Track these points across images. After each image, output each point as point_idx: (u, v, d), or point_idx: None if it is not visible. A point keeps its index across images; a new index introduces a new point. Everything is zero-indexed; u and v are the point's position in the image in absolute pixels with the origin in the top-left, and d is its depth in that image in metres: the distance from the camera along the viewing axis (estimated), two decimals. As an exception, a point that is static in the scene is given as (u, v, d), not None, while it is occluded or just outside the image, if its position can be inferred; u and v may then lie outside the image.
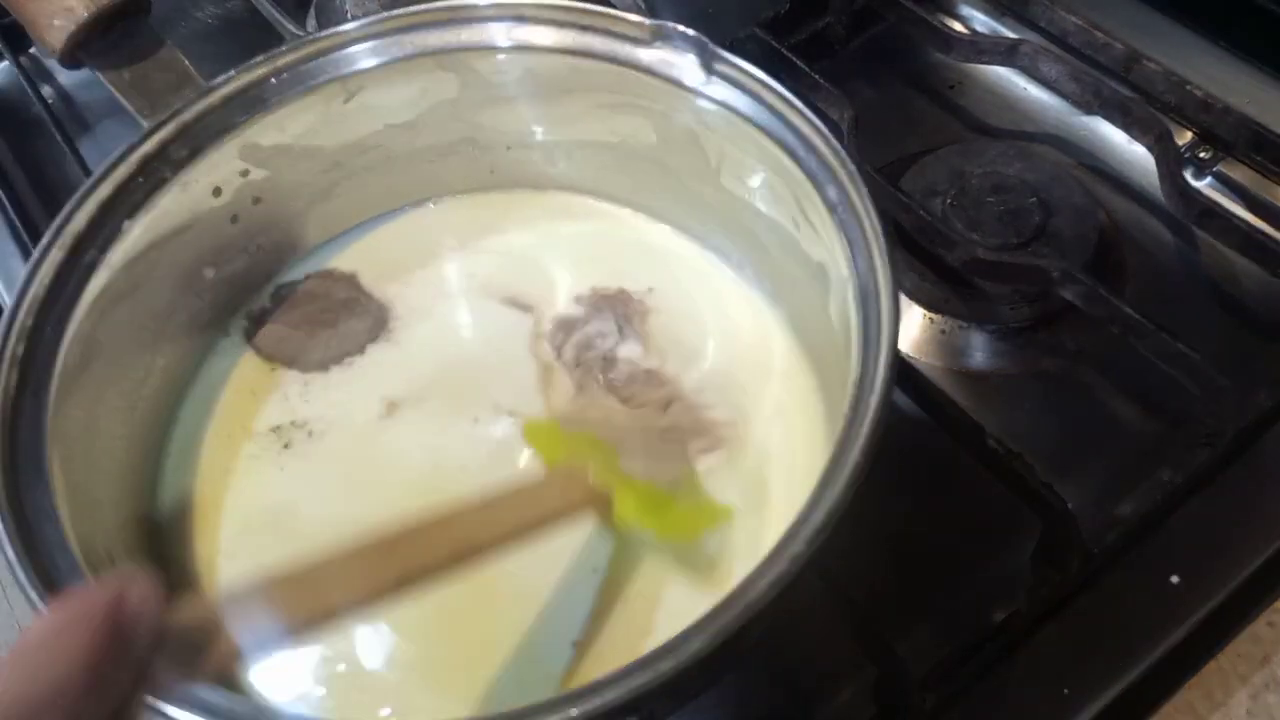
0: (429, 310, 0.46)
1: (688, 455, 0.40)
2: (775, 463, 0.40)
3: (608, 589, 0.37)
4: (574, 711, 0.27)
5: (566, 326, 0.44)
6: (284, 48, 0.42)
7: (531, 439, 0.40)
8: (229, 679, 0.28)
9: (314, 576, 0.29)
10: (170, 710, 0.29)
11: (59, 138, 0.54)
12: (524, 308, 0.45)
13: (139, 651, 0.23)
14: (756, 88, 0.39)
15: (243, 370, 0.44)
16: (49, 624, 0.22)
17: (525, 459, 0.41)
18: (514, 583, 0.37)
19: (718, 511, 0.39)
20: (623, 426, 0.40)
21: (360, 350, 0.45)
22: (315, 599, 0.28)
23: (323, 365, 0.44)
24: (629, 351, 0.43)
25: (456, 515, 0.32)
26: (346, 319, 0.45)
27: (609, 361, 0.43)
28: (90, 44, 0.45)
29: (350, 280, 0.46)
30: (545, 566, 0.37)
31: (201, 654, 0.25)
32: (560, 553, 0.38)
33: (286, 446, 0.42)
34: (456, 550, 0.31)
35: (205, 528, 0.40)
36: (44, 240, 0.37)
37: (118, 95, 0.44)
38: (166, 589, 0.38)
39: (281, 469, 0.42)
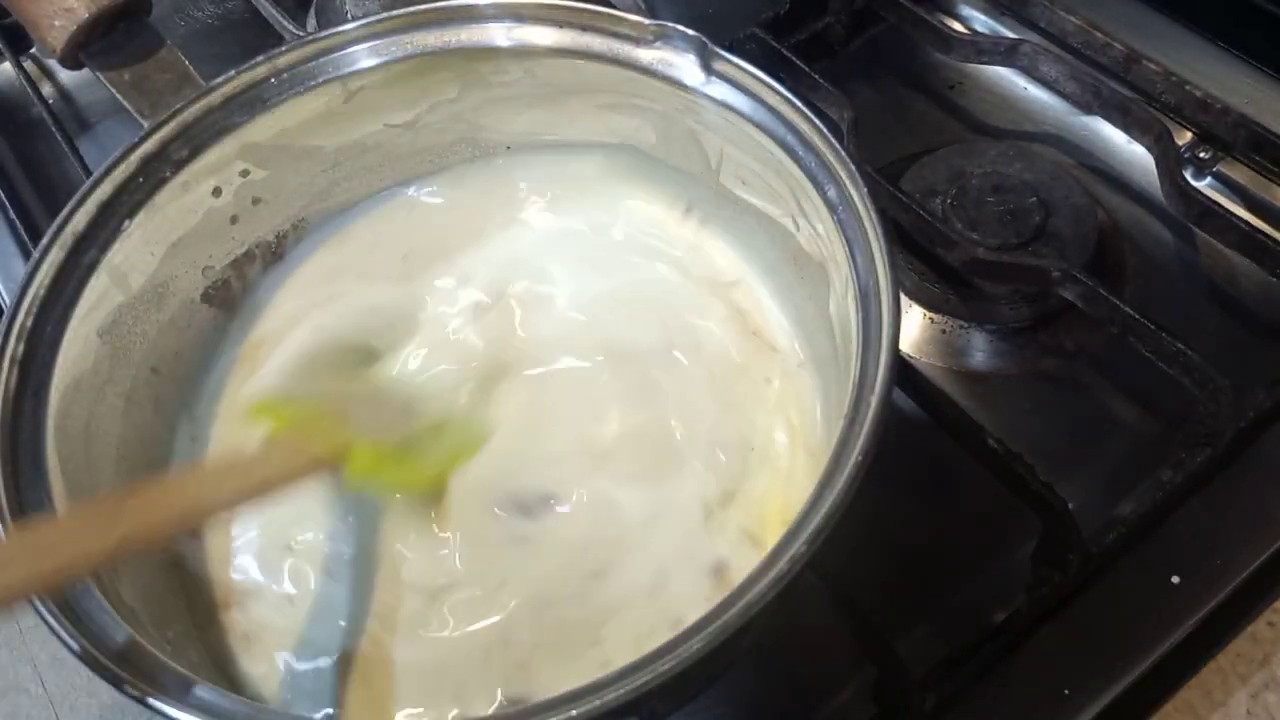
0: (428, 308, 0.46)
1: (411, 413, 0.42)
2: (775, 461, 0.40)
3: None
4: (574, 711, 0.27)
5: None
6: (284, 48, 0.42)
7: (257, 413, 0.41)
8: None
9: (45, 535, 0.31)
10: (169, 710, 0.29)
11: (59, 138, 0.54)
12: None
13: None
14: (756, 88, 0.39)
15: (243, 368, 0.44)
16: None
17: None
18: None
19: (456, 453, 0.40)
20: (348, 396, 0.42)
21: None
22: (43, 558, 0.29)
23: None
24: None
25: (186, 481, 0.35)
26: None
27: None
28: (91, 44, 0.45)
29: None
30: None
31: None
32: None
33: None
34: (183, 514, 0.33)
35: (214, 524, 0.40)
36: (44, 240, 0.37)
37: (118, 95, 0.44)
38: (179, 587, 0.38)
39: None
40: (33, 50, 0.62)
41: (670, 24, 0.40)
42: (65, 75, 0.61)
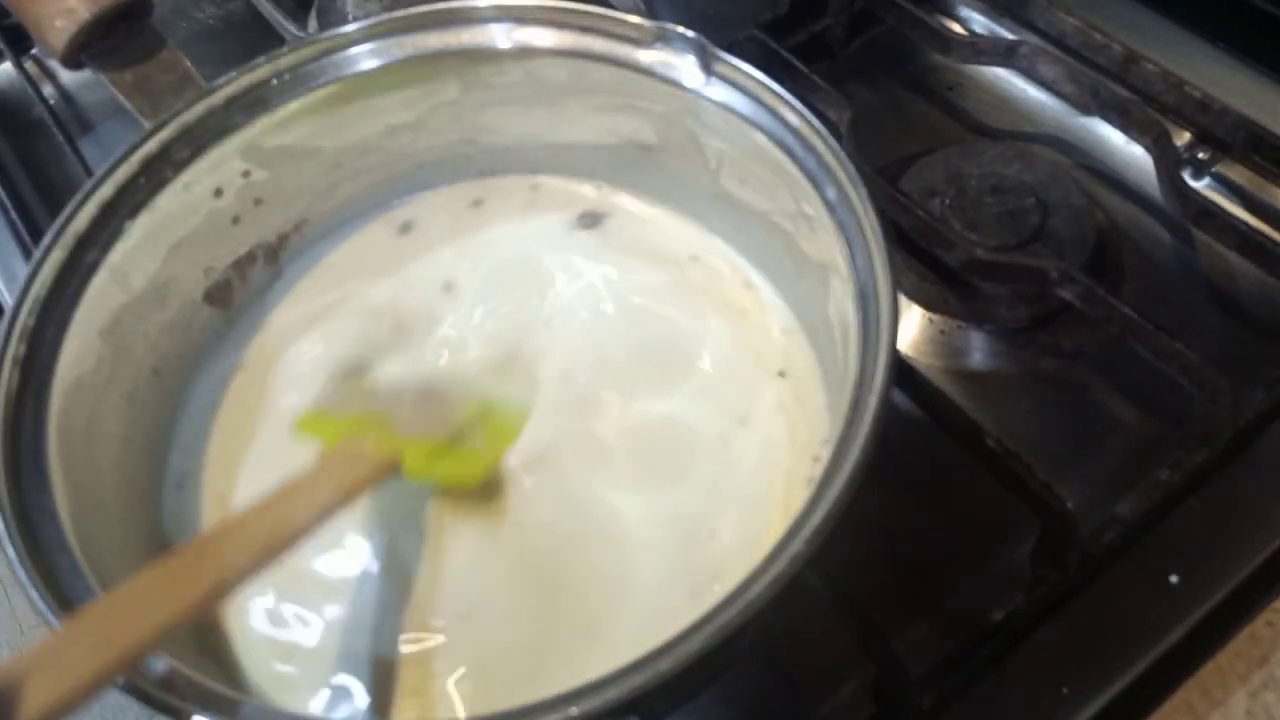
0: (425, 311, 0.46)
1: (452, 409, 0.42)
2: (775, 461, 0.40)
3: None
4: (574, 711, 0.27)
5: None
6: (285, 49, 0.42)
7: (304, 429, 0.40)
8: None
9: (116, 607, 0.29)
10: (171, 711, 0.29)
11: (61, 138, 0.54)
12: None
13: None
14: (756, 89, 0.39)
15: (245, 368, 0.44)
16: None
17: None
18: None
19: (499, 440, 0.41)
20: (385, 401, 0.42)
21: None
22: (119, 631, 0.28)
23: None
24: None
25: (252, 516, 0.33)
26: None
27: None
28: (92, 45, 0.45)
29: None
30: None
31: (12, 713, 0.25)
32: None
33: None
34: (267, 546, 0.32)
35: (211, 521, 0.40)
36: (46, 240, 0.38)
37: (119, 96, 0.44)
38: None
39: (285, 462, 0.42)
40: (34, 51, 0.62)
41: (670, 25, 0.40)
42: (66, 76, 0.62)
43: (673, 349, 0.44)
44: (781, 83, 0.38)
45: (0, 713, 0.24)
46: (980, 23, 0.59)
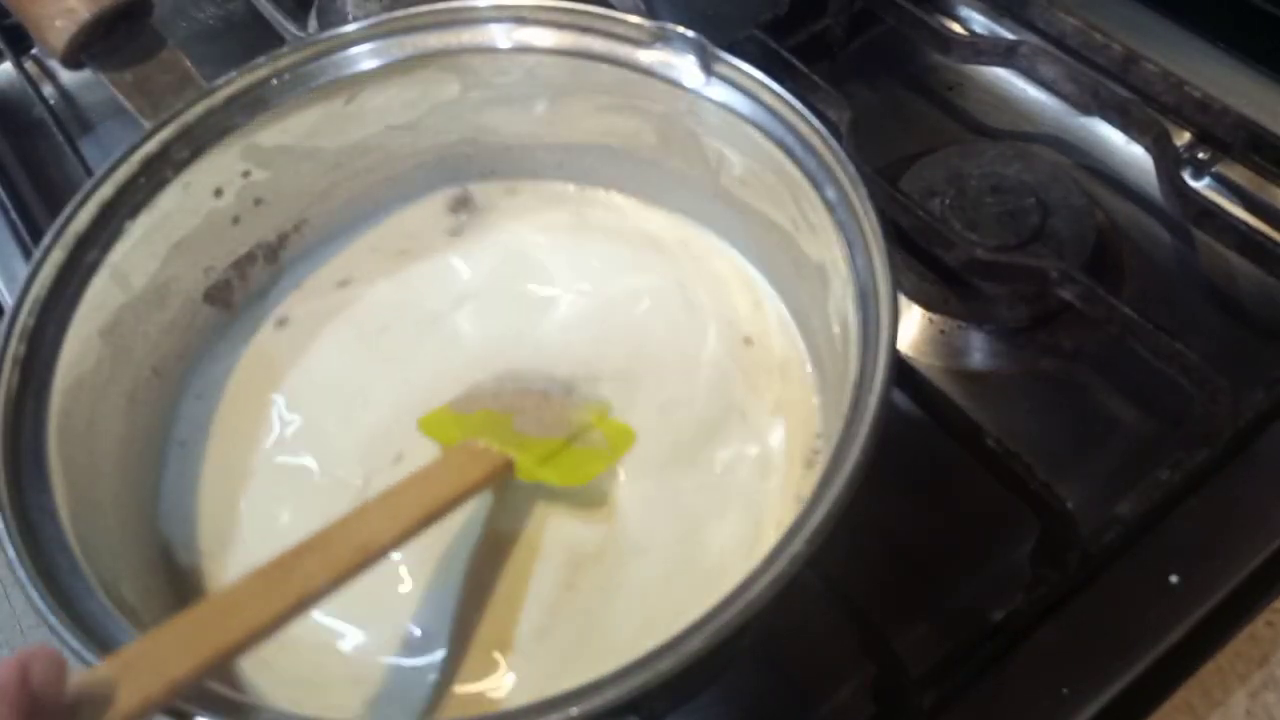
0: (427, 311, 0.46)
1: (574, 411, 0.41)
2: (775, 460, 0.40)
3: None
4: (574, 710, 0.27)
5: None
6: (285, 49, 0.42)
7: (426, 429, 0.41)
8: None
9: (223, 606, 0.29)
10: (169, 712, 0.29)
11: (61, 138, 0.55)
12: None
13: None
14: (756, 89, 0.39)
15: (246, 369, 0.44)
16: None
17: None
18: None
19: (614, 446, 0.40)
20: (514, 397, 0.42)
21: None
22: (216, 630, 0.28)
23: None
24: None
25: (365, 512, 0.33)
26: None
27: None
28: (92, 45, 0.45)
29: None
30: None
31: (106, 711, 0.25)
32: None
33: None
34: (368, 549, 0.32)
35: (210, 526, 0.40)
36: (46, 240, 0.38)
37: (119, 96, 0.44)
38: (172, 589, 0.38)
39: (285, 464, 0.42)
40: (34, 51, 0.62)
41: (670, 26, 0.40)
42: (67, 76, 0.62)
43: (671, 349, 0.44)
44: (781, 83, 0.38)
45: (95, 710, 0.25)
46: (980, 23, 0.59)
